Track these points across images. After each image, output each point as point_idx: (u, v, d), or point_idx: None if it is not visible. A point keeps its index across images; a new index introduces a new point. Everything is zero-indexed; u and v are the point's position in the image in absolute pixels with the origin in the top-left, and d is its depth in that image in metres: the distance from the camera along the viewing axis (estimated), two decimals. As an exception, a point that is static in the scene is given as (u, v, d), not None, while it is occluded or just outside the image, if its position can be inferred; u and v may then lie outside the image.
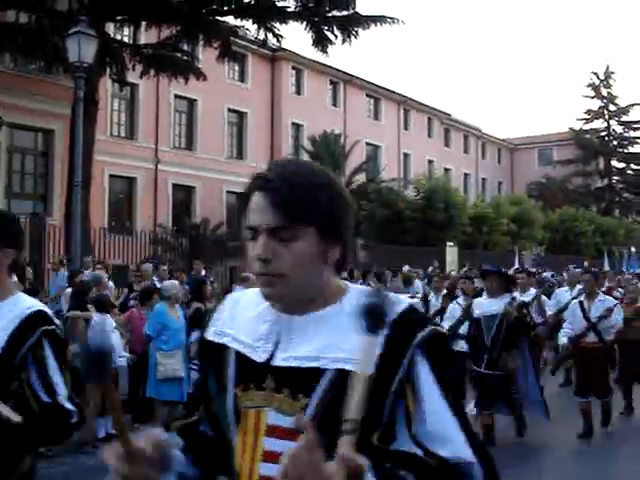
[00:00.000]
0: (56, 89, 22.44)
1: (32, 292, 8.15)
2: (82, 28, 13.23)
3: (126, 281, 15.21)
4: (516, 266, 21.45)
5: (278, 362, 1.52)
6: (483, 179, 54.68)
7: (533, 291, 11.86)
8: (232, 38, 21.94)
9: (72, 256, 13.18)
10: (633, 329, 9.82)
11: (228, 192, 33.48)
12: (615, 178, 56.88)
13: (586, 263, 29.79)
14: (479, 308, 8.98)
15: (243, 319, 1.63)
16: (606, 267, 29.19)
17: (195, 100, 31.77)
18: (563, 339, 9.32)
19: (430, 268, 21.35)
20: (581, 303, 9.15)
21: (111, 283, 12.18)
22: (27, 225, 16.88)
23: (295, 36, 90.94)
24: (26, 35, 17.65)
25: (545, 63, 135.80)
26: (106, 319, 8.72)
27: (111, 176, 28.25)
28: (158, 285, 10.55)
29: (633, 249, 36.01)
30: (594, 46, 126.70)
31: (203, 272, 15.42)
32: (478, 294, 9.96)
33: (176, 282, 9.39)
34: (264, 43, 22.91)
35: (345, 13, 20.64)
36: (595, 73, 56.48)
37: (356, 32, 20.92)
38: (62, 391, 2.58)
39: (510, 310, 8.59)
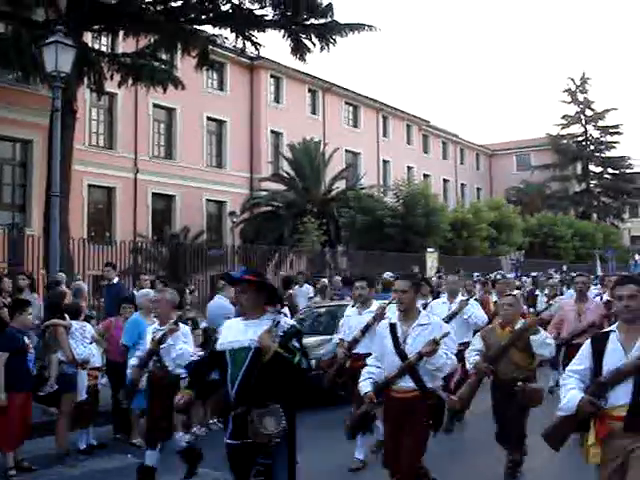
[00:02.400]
0: (34, 99, 22.33)
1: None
2: (59, 38, 13.12)
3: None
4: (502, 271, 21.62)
5: None
6: (462, 185, 55.02)
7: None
8: (210, 47, 21.95)
9: (50, 267, 13.08)
10: (507, 363, 6.79)
11: (208, 200, 33.50)
12: (593, 182, 57.40)
13: (565, 267, 30.05)
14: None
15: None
16: (599, 271, 29.39)
17: (174, 109, 31.74)
18: (364, 384, 5.79)
19: (412, 274, 21.39)
20: (393, 327, 5.63)
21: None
22: (5, 236, 16.76)
23: (273, 44, 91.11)
24: (3, 45, 17.51)
25: (521, 69, 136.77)
26: (85, 326, 8.69)
27: (90, 186, 28.16)
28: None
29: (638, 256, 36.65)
30: (570, 52, 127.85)
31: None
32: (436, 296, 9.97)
33: (150, 291, 9.27)
34: (242, 52, 22.94)
35: (323, 21, 20.69)
36: (571, 79, 57.17)
37: (334, 40, 20.98)
38: None
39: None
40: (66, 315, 8.62)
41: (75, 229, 21.27)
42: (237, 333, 4.75)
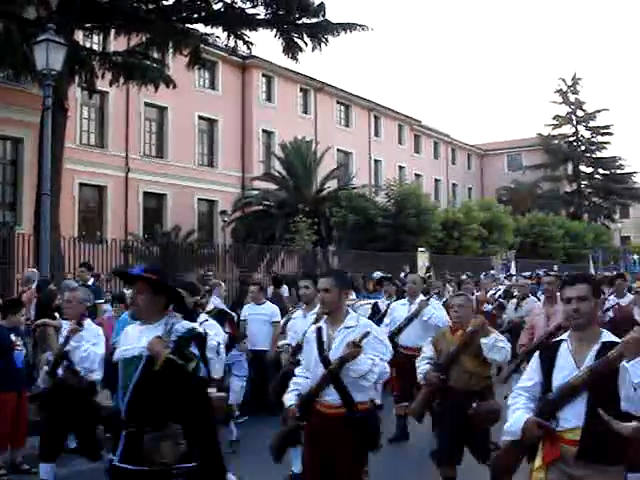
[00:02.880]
0: (25, 97, 22.24)
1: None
2: (50, 36, 13.10)
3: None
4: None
5: None
6: (453, 184, 55.13)
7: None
8: (202, 46, 21.92)
9: (41, 266, 13.04)
10: (459, 371, 6.06)
11: (199, 199, 33.47)
12: (583, 183, 57.58)
13: (556, 267, 30.15)
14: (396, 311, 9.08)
15: None
16: (592, 271, 29.48)
17: (165, 108, 31.69)
18: (288, 397, 5.09)
19: (402, 274, 21.43)
20: (319, 331, 4.95)
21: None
22: (-4, 234, 16.72)
23: (265, 43, 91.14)
24: (-6, 43, 17.49)
25: (513, 69, 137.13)
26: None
27: (81, 185, 28.09)
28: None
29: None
30: (562, 52, 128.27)
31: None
32: (400, 296, 9.66)
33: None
34: (234, 50, 22.92)
35: (315, 20, 20.71)
36: (563, 79, 57.30)
37: (326, 39, 21.00)
38: None
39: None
40: (56, 314, 8.60)
41: (66, 228, 21.21)
42: (132, 340, 4.21)
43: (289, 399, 4.93)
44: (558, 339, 3.95)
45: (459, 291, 14.77)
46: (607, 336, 3.73)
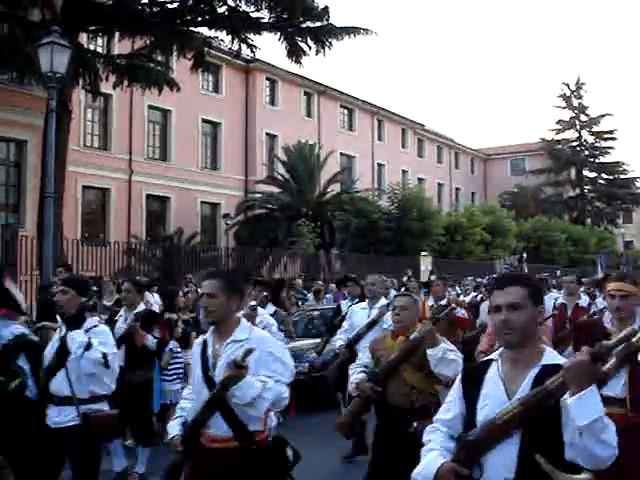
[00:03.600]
0: (29, 99, 22.29)
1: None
2: (55, 38, 13.13)
3: (99, 293, 15.07)
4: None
5: None
6: (457, 189, 55.11)
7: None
8: (206, 49, 21.95)
9: (44, 267, 13.06)
10: (399, 385, 5.11)
11: (202, 202, 33.49)
12: (587, 187, 57.49)
13: (559, 272, 30.10)
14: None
15: None
16: (600, 274, 29.38)
17: (169, 111, 31.72)
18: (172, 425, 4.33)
19: (405, 277, 21.41)
20: (204, 345, 4.14)
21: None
22: (-1, 236, 16.76)
23: (269, 47, 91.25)
24: (-2, 45, 17.54)
25: (516, 74, 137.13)
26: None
27: (84, 187, 28.12)
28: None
29: None
30: (565, 57, 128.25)
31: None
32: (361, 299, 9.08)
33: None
34: (238, 54, 22.94)
35: (319, 24, 20.72)
36: (566, 84, 57.22)
37: (330, 43, 21.00)
38: None
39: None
40: (58, 317, 8.59)
41: (69, 230, 21.25)
42: None
43: (172, 428, 4.10)
44: (487, 358, 3.04)
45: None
46: (550, 356, 2.85)
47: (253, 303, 7.24)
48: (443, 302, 9.68)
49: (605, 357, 2.56)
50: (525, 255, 29.36)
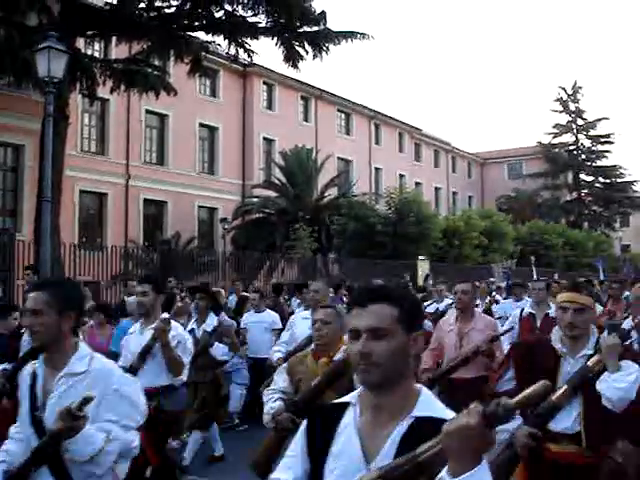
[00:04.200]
0: (26, 104, 22.29)
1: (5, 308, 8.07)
2: (52, 43, 13.12)
3: (97, 297, 15.08)
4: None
5: None
6: (454, 193, 55.16)
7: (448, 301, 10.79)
8: (203, 53, 21.96)
9: (41, 272, 13.03)
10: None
11: (200, 207, 33.48)
12: (584, 191, 57.56)
13: (556, 275, 30.13)
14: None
15: None
16: (601, 278, 29.36)
17: (166, 115, 31.72)
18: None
19: (402, 282, 21.42)
20: (33, 378, 3.26)
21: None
22: (-4, 241, 16.72)
23: (266, 51, 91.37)
24: (-5, 50, 17.53)
25: (513, 78, 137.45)
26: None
27: (82, 192, 28.09)
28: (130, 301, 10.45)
29: None
30: (562, 61, 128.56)
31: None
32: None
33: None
34: (235, 58, 22.95)
35: (316, 29, 20.73)
36: (563, 88, 57.29)
37: (327, 47, 21.02)
38: None
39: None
40: None
41: (66, 235, 21.22)
42: None
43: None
44: (342, 400, 2.22)
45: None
46: (427, 404, 2.09)
47: (166, 315, 5.98)
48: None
49: (502, 421, 1.71)
50: (534, 258, 29.30)
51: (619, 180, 56.59)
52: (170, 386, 5.78)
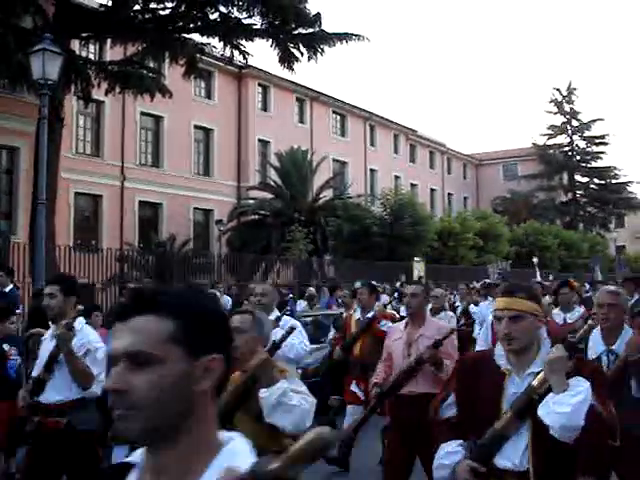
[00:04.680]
0: (20, 106, 22.27)
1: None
2: (47, 45, 13.10)
3: (91, 299, 15.08)
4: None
5: None
6: (449, 194, 55.20)
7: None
8: (198, 55, 21.95)
9: (36, 274, 13.02)
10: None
11: (195, 209, 33.44)
12: (579, 192, 57.63)
13: (552, 276, 30.17)
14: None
15: None
16: (599, 278, 29.37)
17: (161, 117, 31.69)
18: None
19: (398, 283, 21.45)
20: None
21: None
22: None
23: (261, 53, 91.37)
24: (-11, 52, 17.50)
25: (508, 79, 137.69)
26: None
27: (77, 194, 28.05)
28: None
29: None
30: (556, 63, 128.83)
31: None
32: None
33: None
34: (230, 60, 22.95)
35: (311, 30, 20.73)
36: (558, 89, 57.40)
37: (322, 49, 21.02)
38: None
39: None
40: (51, 324, 8.55)
41: (61, 237, 21.20)
42: None
43: None
44: (127, 460, 1.56)
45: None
46: (230, 455, 1.44)
47: (69, 320, 5.30)
48: (370, 314, 8.15)
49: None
50: (536, 260, 29.22)
51: (614, 181, 56.67)
52: (80, 400, 5.15)
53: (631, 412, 4.09)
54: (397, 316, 9.19)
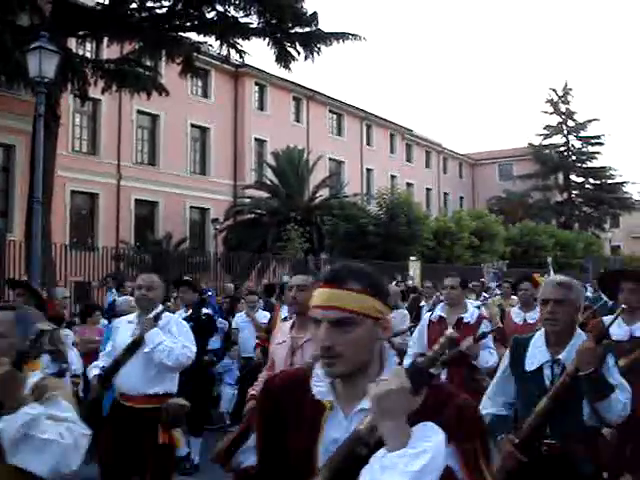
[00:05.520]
0: (17, 104, 22.26)
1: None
2: (43, 43, 13.13)
3: (88, 298, 15.09)
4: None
5: None
6: (445, 194, 55.29)
7: None
8: (195, 54, 21.96)
9: (32, 273, 13.03)
10: None
11: (191, 207, 33.46)
12: (574, 192, 57.72)
13: (546, 276, 30.10)
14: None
15: None
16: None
17: (158, 115, 31.70)
18: None
19: (393, 282, 21.45)
20: None
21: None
22: (-13, 241, 16.72)
23: (258, 52, 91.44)
24: (-14, 50, 17.49)
25: (504, 79, 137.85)
26: (68, 334, 8.65)
27: (73, 192, 28.04)
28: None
29: None
30: (552, 63, 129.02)
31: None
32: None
33: (130, 298, 9.23)
34: (227, 59, 22.95)
35: (307, 30, 20.75)
36: (553, 89, 57.47)
37: (318, 48, 21.04)
38: None
39: None
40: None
41: (57, 235, 21.19)
42: None
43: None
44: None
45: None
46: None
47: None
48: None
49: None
50: (550, 259, 29.13)
51: (609, 181, 56.79)
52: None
53: (582, 444, 3.50)
54: None
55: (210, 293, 13.04)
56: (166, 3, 20.28)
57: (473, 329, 5.91)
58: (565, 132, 57.19)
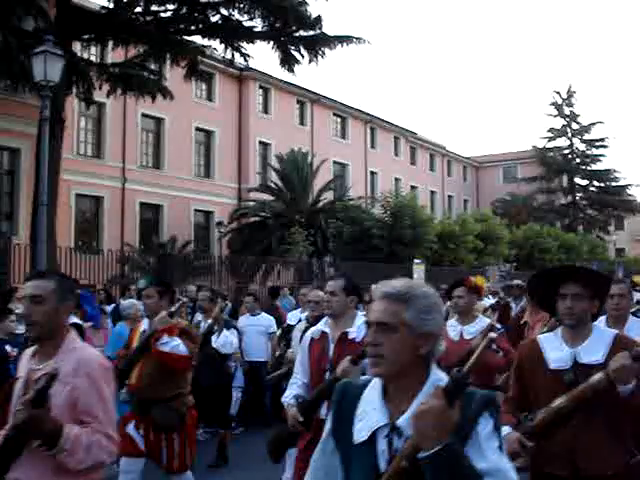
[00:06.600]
0: (22, 108, 22.33)
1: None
2: (48, 47, 13.19)
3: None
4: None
5: None
6: (449, 196, 55.28)
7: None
8: (199, 57, 22.03)
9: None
10: None
11: (196, 210, 33.51)
12: (578, 195, 57.65)
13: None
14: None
15: None
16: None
17: (162, 119, 31.77)
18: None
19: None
20: None
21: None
22: (-8, 244, 16.76)
23: (262, 56, 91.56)
24: (-8, 54, 17.57)
25: (508, 82, 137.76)
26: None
27: (78, 195, 28.11)
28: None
29: None
30: (556, 65, 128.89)
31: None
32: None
33: (135, 301, 9.25)
34: (231, 62, 23.01)
35: (312, 33, 20.80)
36: (558, 92, 57.39)
37: (323, 52, 21.08)
38: None
39: None
40: None
41: (62, 238, 21.24)
42: None
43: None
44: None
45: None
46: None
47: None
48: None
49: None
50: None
51: (614, 184, 56.69)
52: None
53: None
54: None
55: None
56: (171, 7, 20.37)
57: (356, 346, 4.49)
58: (569, 135, 57.12)
